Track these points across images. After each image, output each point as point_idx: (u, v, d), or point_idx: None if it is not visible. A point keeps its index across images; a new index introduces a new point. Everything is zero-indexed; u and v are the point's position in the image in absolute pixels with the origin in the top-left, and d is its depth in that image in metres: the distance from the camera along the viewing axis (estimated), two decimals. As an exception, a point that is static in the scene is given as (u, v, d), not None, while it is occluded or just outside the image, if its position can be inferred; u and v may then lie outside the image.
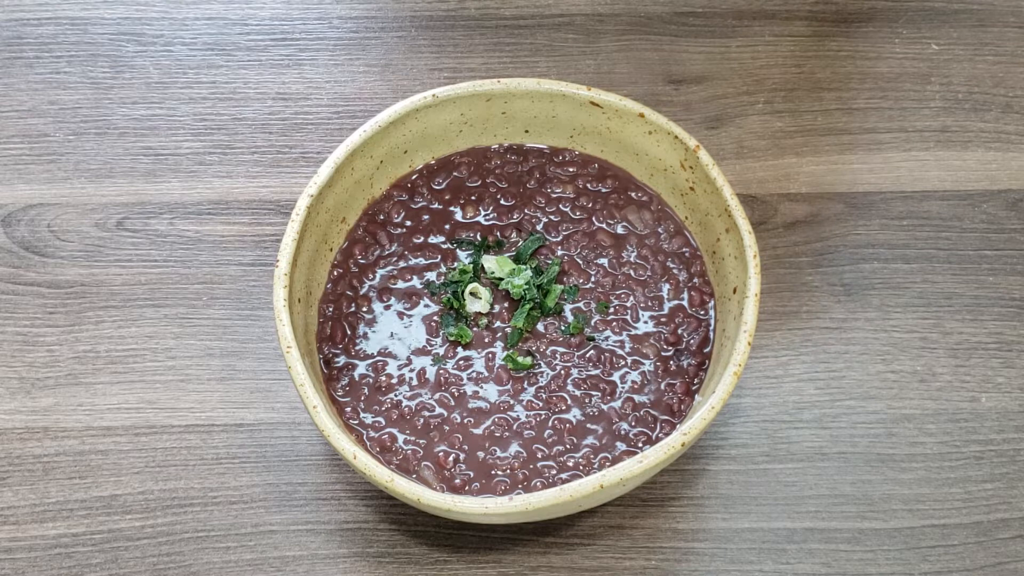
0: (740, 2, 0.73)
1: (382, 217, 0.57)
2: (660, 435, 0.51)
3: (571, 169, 0.59)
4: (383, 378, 0.53)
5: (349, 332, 0.54)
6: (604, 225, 0.57)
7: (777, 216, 0.64)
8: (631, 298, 0.55)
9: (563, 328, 0.54)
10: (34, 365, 0.59)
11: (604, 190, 0.58)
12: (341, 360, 0.53)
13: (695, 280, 0.55)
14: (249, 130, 0.67)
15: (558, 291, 0.54)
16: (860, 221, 0.64)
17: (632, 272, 0.56)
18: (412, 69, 0.70)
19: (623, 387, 0.52)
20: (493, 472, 0.50)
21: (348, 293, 0.55)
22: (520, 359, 0.53)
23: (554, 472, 0.50)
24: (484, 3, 0.73)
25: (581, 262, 0.56)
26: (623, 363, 0.53)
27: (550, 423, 0.51)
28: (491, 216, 0.57)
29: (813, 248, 0.63)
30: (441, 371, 0.53)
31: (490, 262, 0.55)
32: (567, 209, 0.57)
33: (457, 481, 0.50)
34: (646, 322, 0.54)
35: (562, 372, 0.53)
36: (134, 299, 0.61)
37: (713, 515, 0.55)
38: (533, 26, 0.72)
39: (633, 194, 0.58)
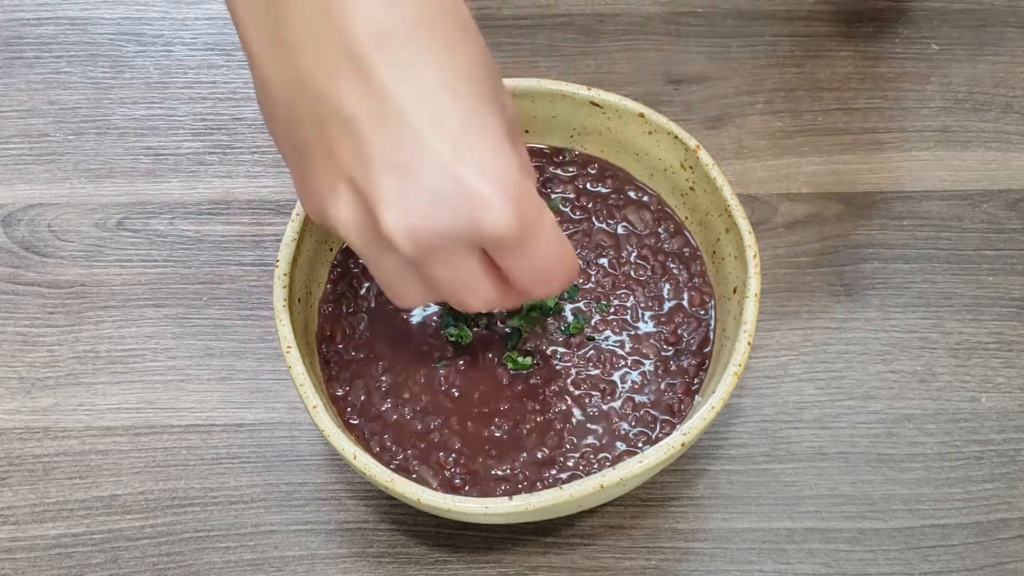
0: (740, 2, 0.73)
1: (382, 217, 0.57)
2: (660, 435, 0.51)
3: (571, 169, 0.59)
4: (383, 378, 0.52)
5: (349, 332, 0.54)
6: (604, 225, 0.57)
7: (777, 216, 0.64)
8: (631, 298, 0.55)
9: (563, 328, 0.54)
10: (34, 365, 0.59)
11: (604, 190, 0.58)
12: (341, 360, 0.53)
13: (695, 280, 0.55)
14: (249, 130, 0.67)
15: (558, 291, 0.54)
16: (860, 221, 0.64)
17: (632, 272, 0.55)
18: (412, 69, 0.70)
19: (623, 387, 0.52)
20: (493, 472, 0.50)
21: (348, 293, 0.55)
22: (520, 359, 0.53)
23: (554, 472, 0.50)
24: (484, 3, 0.73)
25: (581, 262, 0.56)
26: (623, 363, 0.53)
27: (550, 423, 0.51)
28: (491, 216, 0.57)
29: (813, 248, 0.63)
30: (441, 371, 0.53)
31: (490, 262, 0.55)
32: (567, 209, 0.57)
33: (457, 481, 0.50)
34: (646, 322, 0.54)
35: (562, 372, 0.53)
36: (134, 299, 0.61)
37: (713, 515, 0.55)
38: (533, 26, 0.72)
39: (633, 194, 0.58)
